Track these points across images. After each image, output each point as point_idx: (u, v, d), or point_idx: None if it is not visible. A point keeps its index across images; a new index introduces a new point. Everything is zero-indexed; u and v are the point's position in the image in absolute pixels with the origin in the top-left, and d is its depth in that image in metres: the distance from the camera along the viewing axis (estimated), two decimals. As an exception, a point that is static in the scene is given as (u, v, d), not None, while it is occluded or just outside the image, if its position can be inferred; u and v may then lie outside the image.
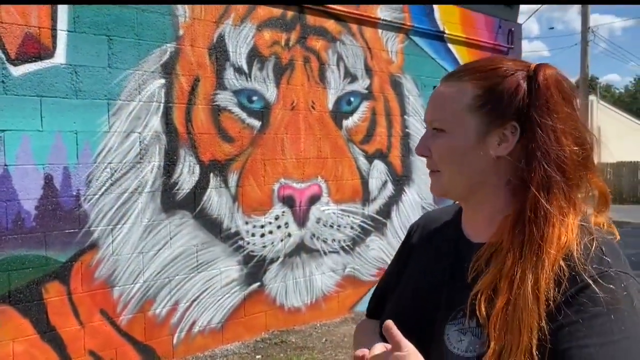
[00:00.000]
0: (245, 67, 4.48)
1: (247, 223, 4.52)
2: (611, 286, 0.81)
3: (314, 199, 4.95)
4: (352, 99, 5.22)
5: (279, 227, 4.71)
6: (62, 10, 3.57)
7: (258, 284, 4.62)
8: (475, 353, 0.85)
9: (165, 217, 4.09)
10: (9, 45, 3.39)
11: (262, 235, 4.62)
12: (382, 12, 5.44)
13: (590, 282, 0.81)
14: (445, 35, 6.09)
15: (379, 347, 0.84)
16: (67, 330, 3.63)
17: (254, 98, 4.54)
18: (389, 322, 0.83)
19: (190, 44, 4.18)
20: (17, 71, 3.42)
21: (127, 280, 3.91)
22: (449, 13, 6.15)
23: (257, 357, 4.23)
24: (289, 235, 4.79)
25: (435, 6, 5.98)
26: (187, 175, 4.19)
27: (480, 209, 0.95)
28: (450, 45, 6.18)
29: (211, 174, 4.31)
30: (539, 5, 9.40)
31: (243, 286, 4.54)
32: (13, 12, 3.39)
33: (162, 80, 4.04)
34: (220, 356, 4.26)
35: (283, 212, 4.74)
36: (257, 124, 4.56)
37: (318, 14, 4.95)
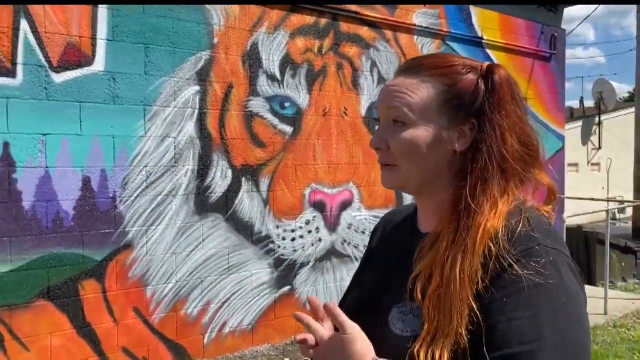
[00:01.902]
0: (277, 74, 4.57)
1: (277, 227, 4.59)
2: (537, 262, 0.83)
3: (345, 205, 4.98)
4: (385, 105, 5.23)
5: (309, 231, 4.77)
6: (102, 20, 3.75)
7: (288, 287, 4.68)
8: (414, 333, 0.88)
9: (198, 219, 4.21)
10: (52, 54, 3.58)
11: (293, 239, 4.68)
12: (418, 18, 5.44)
13: (514, 260, 0.83)
14: (483, 40, 6.03)
15: (319, 328, 0.90)
16: (102, 326, 3.78)
17: (286, 104, 4.62)
18: (330, 304, 0.87)
19: (224, 51, 4.30)
20: (59, 78, 3.61)
21: (160, 280, 4.04)
22: (487, 18, 6.08)
23: (286, 359, 4.29)
24: (320, 240, 4.83)
25: (472, 12, 5.93)
26: (219, 179, 4.30)
27: (431, 200, 0.99)
28: (488, 51, 6.11)
29: (243, 178, 4.41)
30: (594, 7, 9.08)
31: (273, 289, 4.60)
32: (56, 22, 3.59)
33: (197, 87, 4.17)
34: (249, 357, 4.33)
35: (314, 216, 4.79)
36: (288, 129, 4.63)
37: (352, 20, 4.99)
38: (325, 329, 0.92)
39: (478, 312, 0.82)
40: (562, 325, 0.80)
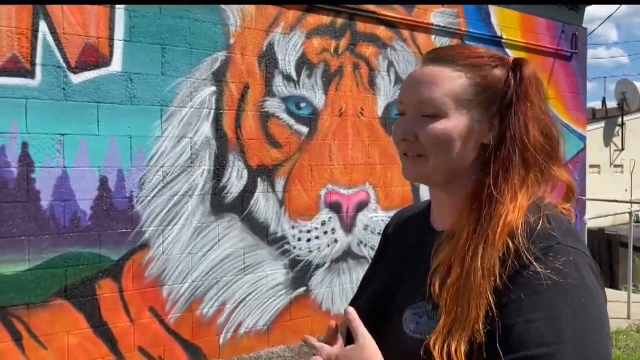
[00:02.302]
0: (293, 74, 4.56)
1: (293, 227, 4.58)
2: (557, 261, 0.80)
3: (362, 205, 4.94)
4: (402, 105, 5.18)
5: (325, 232, 4.74)
6: (119, 21, 3.78)
7: (304, 288, 4.66)
8: (427, 335, 0.86)
9: (214, 219, 4.21)
10: (70, 55, 3.61)
11: (308, 240, 4.66)
12: (436, 17, 5.39)
13: (533, 258, 0.81)
14: (503, 40, 5.95)
15: (325, 346, 0.90)
16: (118, 326, 3.80)
17: (302, 104, 4.61)
18: (352, 313, 0.87)
19: (240, 52, 4.30)
20: (77, 79, 3.64)
21: (176, 280, 4.05)
22: (507, 17, 6.01)
23: (301, 361, 4.27)
24: (336, 241, 4.81)
25: (492, 11, 5.86)
26: (235, 180, 4.30)
27: (450, 197, 0.96)
28: (508, 50, 6.02)
29: (259, 179, 4.41)
30: (616, 7, 8.89)
31: (289, 290, 4.59)
32: (74, 23, 3.62)
33: (213, 88, 4.18)
34: (265, 358, 4.32)
35: (330, 217, 4.76)
36: (304, 130, 4.62)
37: (369, 20, 4.96)
38: (335, 346, 0.91)
39: (495, 308, 0.80)
40: (582, 327, 0.77)
